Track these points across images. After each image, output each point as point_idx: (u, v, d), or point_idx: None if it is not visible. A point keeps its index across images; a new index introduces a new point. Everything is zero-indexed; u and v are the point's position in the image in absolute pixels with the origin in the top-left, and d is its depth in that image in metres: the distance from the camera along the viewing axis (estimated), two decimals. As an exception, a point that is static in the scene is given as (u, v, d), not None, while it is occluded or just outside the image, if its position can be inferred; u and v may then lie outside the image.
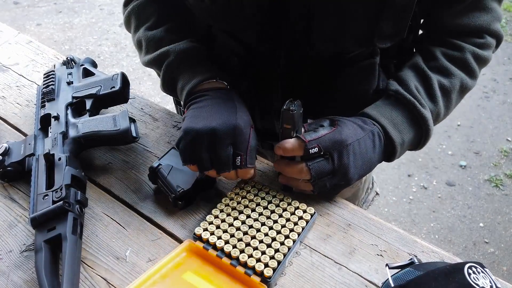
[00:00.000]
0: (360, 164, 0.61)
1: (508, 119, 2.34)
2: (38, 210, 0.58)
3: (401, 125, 0.64)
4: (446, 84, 0.66)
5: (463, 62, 0.67)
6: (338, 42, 0.62)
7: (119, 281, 0.55)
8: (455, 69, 0.67)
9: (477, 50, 0.67)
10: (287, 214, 0.60)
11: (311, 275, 0.55)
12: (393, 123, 0.64)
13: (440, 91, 0.66)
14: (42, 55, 0.95)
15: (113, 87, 0.73)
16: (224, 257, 0.56)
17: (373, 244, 0.59)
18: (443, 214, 1.90)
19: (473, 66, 0.68)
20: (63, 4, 3.42)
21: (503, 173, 2.06)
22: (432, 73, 0.66)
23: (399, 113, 0.64)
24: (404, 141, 0.64)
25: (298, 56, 0.66)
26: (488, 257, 1.74)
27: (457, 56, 0.67)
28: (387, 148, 0.64)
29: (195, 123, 0.58)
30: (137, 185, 0.68)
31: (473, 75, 0.69)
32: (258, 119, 0.76)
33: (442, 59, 0.67)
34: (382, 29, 0.60)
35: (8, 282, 0.56)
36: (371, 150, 0.61)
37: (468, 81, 0.68)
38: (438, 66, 0.67)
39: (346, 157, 0.59)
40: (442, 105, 0.66)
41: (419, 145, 0.68)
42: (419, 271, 0.46)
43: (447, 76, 0.67)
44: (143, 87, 2.66)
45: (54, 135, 0.68)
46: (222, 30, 0.70)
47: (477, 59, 0.68)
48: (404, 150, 0.67)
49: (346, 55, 0.66)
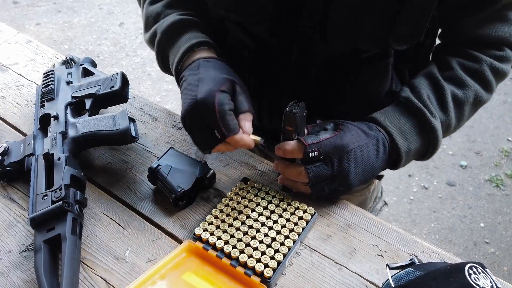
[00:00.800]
0: (362, 170, 0.59)
1: (508, 119, 2.34)
2: (38, 210, 0.58)
3: (408, 133, 0.63)
4: (460, 95, 0.64)
5: (479, 74, 0.65)
6: (353, 39, 0.61)
7: (119, 281, 0.55)
8: (470, 81, 0.65)
9: (495, 62, 0.65)
10: (287, 214, 0.59)
11: (311, 275, 0.55)
12: (401, 130, 0.62)
13: (452, 102, 0.64)
14: (41, 54, 0.95)
15: (112, 87, 0.73)
16: (224, 258, 0.55)
17: (373, 244, 0.58)
18: (443, 214, 1.90)
19: (490, 79, 0.65)
20: (62, 4, 3.41)
21: (503, 173, 2.05)
22: (446, 83, 0.65)
23: (407, 121, 0.63)
24: (411, 150, 0.63)
25: (311, 52, 0.64)
26: (489, 257, 1.74)
27: (474, 67, 0.65)
28: (392, 156, 0.63)
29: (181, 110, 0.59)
30: (136, 185, 0.67)
31: (489, 88, 0.66)
32: (266, 120, 0.75)
33: (458, 69, 0.65)
34: (398, 30, 0.59)
35: (7, 282, 0.55)
36: (374, 157, 0.60)
37: (483, 94, 0.66)
38: (453, 76, 0.65)
39: (347, 163, 0.58)
40: (453, 116, 0.65)
41: (426, 155, 0.66)
42: (419, 271, 0.46)
43: (461, 87, 0.65)
44: (142, 86, 2.66)
45: (53, 135, 0.67)
46: (234, 22, 0.69)
47: (495, 72, 0.66)
48: (410, 159, 0.65)
49: (359, 55, 0.65)
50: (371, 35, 0.60)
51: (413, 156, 0.65)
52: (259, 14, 0.62)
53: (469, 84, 0.65)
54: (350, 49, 0.64)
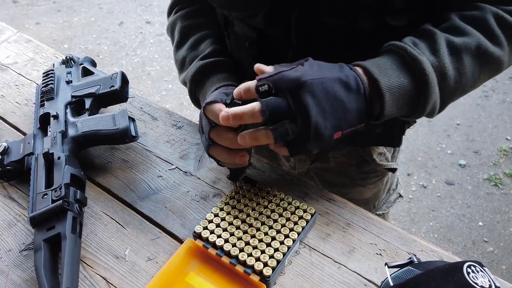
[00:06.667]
0: (329, 109, 0.50)
1: (507, 118, 2.34)
2: (38, 209, 0.58)
3: (388, 68, 0.53)
4: (456, 41, 0.54)
5: (481, 23, 0.55)
6: (348, 15, 0.58)
7: (119, 280, 0.55)
8: (470, 29, 0.55)
9: (502, 13, 0.55)
10: (287, 214, 0.60)
11: (310, 274, 0.55)
12: (377, 65, 0.53)
13: (446, 47, 0.54)
14: (41, 54, 0.95)
15: (112, 86, 0.73)
16: (223, 256, 0.56)
17: (372, 243, 0.59)
18: (442, 213, 1.90)
19: (495, 29, 0.55)
20: (62, 3, 3.41)
21: (502, 172, 2.06)
22: (439, 30, 0.56)
23: (386, 58, 0.54)
24: (393, 85, 0.52)
25: (310, 35, 0.63)
26: (487, 256, 1.74)
27: (474, 15, 0.56)
28: (371, 93, 0.52)
29: None
30: (136, 184, 0.68)
31: (495, 40, 0.55)
32: None
33: (455, 19, 0.56)
34: (394, 2, 0.56)
35: (7, 281, 0.56)
36: (342, 92, 0.51)
37: (489, 46, 0.55)
38: (449, 26, 0.56)
39: (303, 97, 0.49)
40: (448, 62, 0.54)
41: (420, 104, 0.54)
42: (418, 270, 0.46)
43: (458, 35, 0.55)
44: (142, 86, 2.66)
45: (53, 134, 0.67)
46: (236, 18, 0.70)
47: (502, 24, 0.55)
48: (397, 101, 0.53)
49: (360, 36, 0.60)
50: (365, 9, 0.57)
51: (401, 98, 0.53)
52: (257, 7, 0.62)
53: (469, 32, 0.55)
54: (347, 23, 0.59)
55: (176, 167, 0.70)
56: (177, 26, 0.77)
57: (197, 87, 0.70)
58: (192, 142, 0.74)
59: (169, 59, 2.86)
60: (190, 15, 0.77)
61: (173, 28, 0.78)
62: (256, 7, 0.63)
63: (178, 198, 0.65)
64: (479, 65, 0.56)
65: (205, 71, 0.68)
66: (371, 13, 0.58)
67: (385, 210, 0.95)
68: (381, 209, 0.94)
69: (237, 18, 0.69)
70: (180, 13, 0.78)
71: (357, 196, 0.88)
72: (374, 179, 0.86)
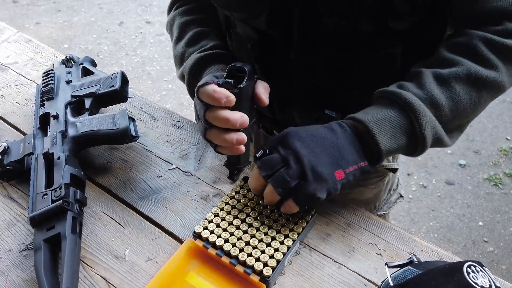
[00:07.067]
0: (318, 146, 0.54)
1: (507, 118, 2.34)
2: (37, 209, 0.58)
3: (371, 109, 0.56)
4: (444, 72, 0.56)
5: (468, 50, 0.57)
6: (348, 16, 0.58)
7: (119, 280, 0.55)
8: (458, 58, 0.57)
9: (490, 35, 0.56)
10: (287, 214, 0.60)
11: (310, 274, 0.55)
12: (360, 111, 0.57)
13: (434, 80, 0.56)
14: (41, 54, 0.95)
15: (112, 86, 0.73)
16: (223, 256, 0.56)
17: (372, 243, 0.59)
18: (442, 213, 1.90)
19: (484, 53, 0.56)
20: (62, 3, 3.41)
21: (502, 172, 2.06)
22: (426, 67, 0.58)
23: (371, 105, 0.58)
24: (378, 119, 0.54)
25: (311, 38, 0.63)
26: (487, 256, 1.74)
27: (462, 42, 0.57)
28: (358, 129, 0.55)
29: None
30: (136, 184, 0.68)
31: (487, 64, 0.56)
32: (278, 112, 0.76)
33: (442, 51, 0.59)
34: (396, 5, 0.56)
35: (7, 281, 0.56)
36: (328, 133, 0.55)
37: (480, 69, 0.56)
38: (436, 59, 0.59)
39: (291, 142, 0.54)
40: (437, 92, 0.55)
41: (416, 132, 0.55)
42: (418, 270, 0.46)
43: (447, 67, 0.57)
44: (142, 86, 2.66)
45: (53, 134, 0.67)
46: (238, 19, 0.70)
47: (492, 46, 0.56)
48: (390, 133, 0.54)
49: (362, 38, 0.61)
50: (368, 12, 0.57)
51: (393, 129, 0.55)
52: (259, 8, 0.62)
53: (455, 61, 0.57)
54: (348, 26, 0.60)
55: (176, 167, 0.70)
56: (175, 22, 0.77)
57: (195, 79, 0.69)
58: (192, 142, 0.74)
59: (169, 59, 2.86)
60: (188, 11, 0.78)
61: (172, 24, 0.78)
62: (257, 8, 0.63)
63: (178, 198, 0.65)
64: (475, 90, 0.57)
65: (203, 62, 0.68)
66: (372, 15, 0.58)
67: (386, 210, 0.95)
68: (382, 210, 0.94)
69: (238, 19, 0.69)
70: (179, 10, 0.79)
71: (358, 196, 0.88)
72: (375, 179, 0.86)
